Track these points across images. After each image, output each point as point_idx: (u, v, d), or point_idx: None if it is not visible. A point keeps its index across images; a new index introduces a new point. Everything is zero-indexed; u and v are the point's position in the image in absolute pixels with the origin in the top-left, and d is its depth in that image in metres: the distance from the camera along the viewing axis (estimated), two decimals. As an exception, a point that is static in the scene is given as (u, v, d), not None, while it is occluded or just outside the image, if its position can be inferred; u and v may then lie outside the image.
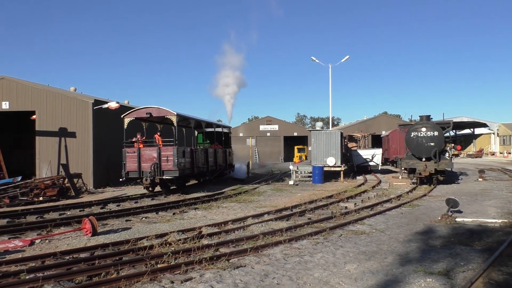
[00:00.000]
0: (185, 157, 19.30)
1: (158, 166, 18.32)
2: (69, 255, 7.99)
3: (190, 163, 20.01)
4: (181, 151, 18.92)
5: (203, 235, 9.57)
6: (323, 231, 10.06)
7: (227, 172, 27.87)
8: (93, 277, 6.60)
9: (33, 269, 6.89)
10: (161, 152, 18.43)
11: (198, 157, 21.22)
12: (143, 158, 18.59)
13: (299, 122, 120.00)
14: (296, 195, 18.87)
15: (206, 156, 22.82)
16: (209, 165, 22.94)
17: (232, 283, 6.34)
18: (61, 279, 6.34)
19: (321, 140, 26.59)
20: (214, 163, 24.08)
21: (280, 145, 69.60)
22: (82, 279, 6.49)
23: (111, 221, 12.21)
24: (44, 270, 6.85)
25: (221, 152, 25.89)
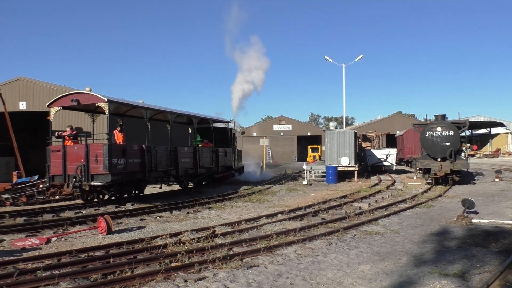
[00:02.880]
0: (128, 158, 14.89)
1: (86, 169, 14.21)
2: (84, 253, 8.08)
3: (138, 165, 15.57)
4: (119, 148, 14.82)
5: (217, 234, 9.60)
6: (337, 231, 10.01)
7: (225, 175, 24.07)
8: (108, 275, 6.67)
9: (49, 266, 6.99)
10: (89, 150, 14.26)
11: (157, 158, 16.73)
12: (69, 158, 14.65)
13: (313, 121, 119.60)
14: (309, 195, 18.81)
15: (175, 156, 18.10)
16: (179, 168, 18.27)
17: (245, 282, 6.35)
18: (77, 277, 6.42)
19: (335, 139, 26.46)
20: (193, 165, 19.59)
21: (294, 144, 69.49)
22: (97, 277, 6.56)
23: (126, 220, 12.33)
24: (60, 268, 6.95)
25: (207, 151, 21.38)
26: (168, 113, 18.93)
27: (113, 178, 14.18)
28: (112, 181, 14.28)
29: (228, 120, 25.56)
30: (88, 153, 14.27)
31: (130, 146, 15.57)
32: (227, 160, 23.89)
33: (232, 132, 26.48)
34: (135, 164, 15.38)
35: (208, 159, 21.26)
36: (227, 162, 23.87)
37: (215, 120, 23.85)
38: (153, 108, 18.24)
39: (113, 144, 14.85)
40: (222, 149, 23.15)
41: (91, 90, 29.58)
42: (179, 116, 20.45)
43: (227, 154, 23.94)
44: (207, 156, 21.24)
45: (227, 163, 23.87)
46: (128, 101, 17.69)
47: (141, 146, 15.93)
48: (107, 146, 14.10)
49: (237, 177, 26.59)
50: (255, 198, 17.51)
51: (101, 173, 14.09)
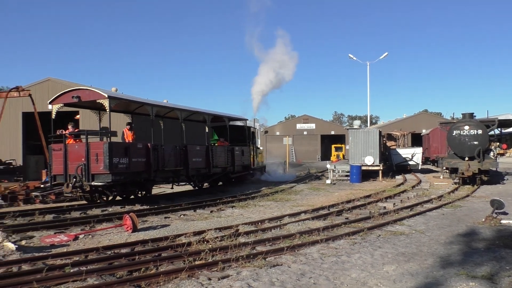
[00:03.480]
0: (131, 157, 14.26)
1: (87, 168, 13.68)
2: (110, 250, 8.24)
3: (143, 165, 14.92)
4: (122, 147, 14.20)
5: (240, 233, 9.64)
6: (361, 231, 9.91)
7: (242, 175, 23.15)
8: (134, 272, 6.78)
9: (77, 263, 7.15)
10: (89, 149, 13.74)
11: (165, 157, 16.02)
12: (70, 156, 14.16)
13: (337, 120, 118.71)
14: (333, 194, 18.69)
15: (185, 155, 17.32)
16: (189, 167, 17.49)
17: (268, 281, 6.36)
18: (103, 273, 6.55)
19: (359, 138, 26.20)
20: (205, 164, 18.72)
21: (317, 143, 69.10)
22: (123, 273, 6.68)
23: (151, 218, 12.50)
24: (87, 264, 7.10)
25: (221, 150, 20.56)
26: (178, 110, 18.14)
27: (114, 178, 13.56)
28: (113, 181, 13.66)
29: (245, 118, 24.42)
30: (88, 152, 13.65)
31: (133, 145, 15.02)
32: (244, 160, 22.96)
33: (251, 131, 25.52)
34: (139, 163, 14.70)
35: (222, 158, 20.39)
36: (244, 161, 22.96)
37: (231, 117, 22.94)
38: (160, 105, 17.62)
39: (114, 142, 14.15)
40: (239, 148, 22.23)
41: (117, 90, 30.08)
42: (193, 114, 19.83)
43: (244, 153, 22.95)
44: (221, 155, 20.36)
45: (244, 162, 22.96)
46: (131, 97, 17.04)
47: (146, 144, 15.26)
48: (107, 144, 13.44)
49: (258, 177, 25.90)
50: (278, 197, 17.50)
51: (102, 173, 13.42)
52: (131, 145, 14.87)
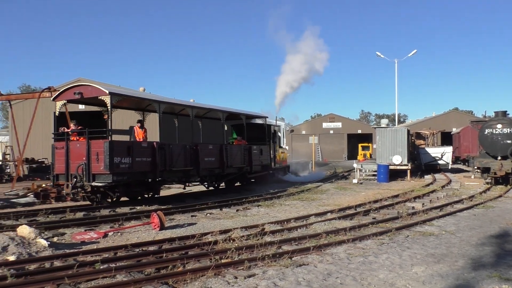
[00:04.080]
0: (135, 156, 13.66)
1: (87, 168, 13.13)
2: (139, 247, 8.37)
3: (149, 165, 14.30)
4: (124, 146, 13.67)
5: (266, 232, 9.64)
6: (389, 231, 9.76)
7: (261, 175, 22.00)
8: (161, 269, 6.87)
9: (106, 259, 7.29)
10: (90, 148, 13.19)
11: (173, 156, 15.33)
12: (72, 155, 13.65)
13: (363, 119, 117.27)
14: (360, 194, 18.49)
15: (195, 155, 16.58)
16: (200, 167, 16.69)
17: (294, 281, 6.34)
18: (132, 270, 6.66)
19: (387, 137, 25.85)
20: (219, 164, 17.97)
21: (344, 142, 68.49)
22: (151, 271, 6.77)
23: (178, 216, 12.65)
24: (117, 261, 7.24)
25: (237, 149, 19.61)
26: (189, 107, 17.54)
27: (115, 178, 12.99)
28: (113, 182, 13.07)
29: (265, 115, 23.19)
30: (89, 150, 13.11)
31: (137, 144, 14.54)
32: (263, 159, 21.86)
33: (273, 129, 24.55)
34: (144, 163, 14.12)
35: (238, 157, 19.46)
36: (263, 161, 21.87)
37: (249, 115, 21.91)
38: (168, 102, 16.92)
39: (115, 141, 13.65)
40: (257, 147, 21.20)
41: (144, 90, 30.63)
42: (207, 111, 19.19)
43: (263, 153, 21.85)
44: (237, 154, 19.40)
45: (263, 162, 21.88)
46: (135, 93, 16.57)
47: (152, 143, 14.75)
48: (108, 143, 12.88)
49: (280, 177, 24.99)
50: (304, 197, 17.43)
51: (102, 173, 12.92)
52: (134, 144, 14.35)
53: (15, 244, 7.91)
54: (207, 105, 19.43)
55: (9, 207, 14.52)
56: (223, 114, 19.48)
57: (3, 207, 14.32)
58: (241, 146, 20.11)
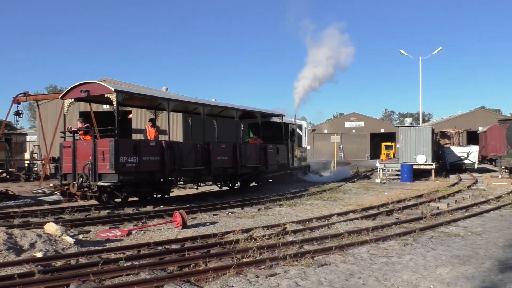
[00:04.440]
0: (142, 155, 13.41)
1: (93, 167, 12.93)
2: (161, 245, 8.46)
3: (157, 164, 14.06)
4: (130, 145, 13.42)
5: (287, 231, 9.62)
6: (412, 232, 9.61)
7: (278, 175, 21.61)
8: (183, 267, 6.94)
9: (130, 257, 7.40)
10: (96, 147, 12.98)
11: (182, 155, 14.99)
12: (79, 154, 13.48)
13: (387, 118, 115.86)
14: (383, 194, 18.27)
15: (207, 154, 16.17)
16: (211, 167, 16.34)
17: (316, 281, 6.30)
18: (155, 268, 6.74)
19: (410, 136, 25.48)
20: (232, 163, 17.58)
21: (366, 142, 67.87)
22: (173, 269, 6.84)
23: (200, 215, 12.74)
24: (140, 259, 7.33)
25: (252, 148, 19.10)
26: (200, 105, 17.05)
27: (121, 178, 12.75)
28: (119, 182, 12.82)
29: (281, 113, 22.39)
30: (95, 149, 12.88)
31: (144, 142, 14.29)
32: (280, 158, 21.19)
33: (291, 128, 23.88)
34: (151, 162, 13.85)
35: (253, 157, 18.94)
36: (280, 160, 21.21)
37: (264, 113, 21.29)
38: (177, 100, 16.40)
39: (121, 140, 13.42)
40: (273, 146, 20.64)
41: (167, 90, 30.93)
42: (220, 109, 18.84)
43: (280, 152, 21.17)
44: (252, 154, 18.87)
45: (280, 161, 21.23)
46: (143, 90, 16.33)
47: (160, 142, 14.48)
48: (113, 142, 12.66)
49: (300, 177, 24.70)
50: (326, 196, 17.32)
51: (108, 173, 12.69)
52: (142, 142, 14.08)
53: (42, 241, 8.12)
54: (219, 103, 19.15)
55: (36, 204, 14.90)
56: (236, 112, 18.89)
57: (31, 205, 14.71)
58: (256, 145, 19.64)
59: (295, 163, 23.80)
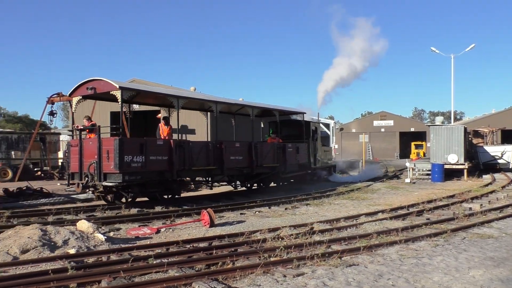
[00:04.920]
0: (148, 154, 13.10)
1: (98, 166, 12.63)
2: (189, 244, 8.54)
3: (166, 164, 13.70)
4: (136, 144, 12.99)
5: (315, 231, 9.56)
6: (444, 232, 9.39)
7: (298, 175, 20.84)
8: (211, 265, 6.99)
9: (159, 255, 7.51)
10: (101, 146, 12.68)
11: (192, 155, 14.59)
12: (85, 153, 13.22)
13: (417, 117, 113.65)
14: (413, 194, 17.93)
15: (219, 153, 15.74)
16: (224, 167, 15.88)
17: (344, 281, 6.24)
18: (183, 266, 6.82)
19: (442, 135, 24.92)
20: (248, 163, 17.07)
21: (395, 141, 66.68)
22: (201, 267, 6.90)
23: (227, 214, 12.81)
24: (169, 257, 7.43)
25: (269, 148, 18.49)
26: (212, 102, 16.35)
27: (126, 178, 12.47)
28: (124, 182, 12.56)
29: (302, 111, 21.41)
30: (100, 148, 12.57)
31: (151, 141, 13.84)
32: (300, 158, 20.39)
33: (315, 126, 22.91)
34: (159, 162, 13.50)
35: (270, 156, 18.35)
36: (300, 160, 20.42)
37: (283, 111, 20.40)
38: (186, 97, 15.56)
39: (126, 138, 12.96)
40: (293, 145, 19.88)
41: (195, 89, 31.24)
42: (241, 107, 18.25)
43: (300, 151, 20.36)
44: (269, 153, 18.28)
45: (300, 161, 20.43)
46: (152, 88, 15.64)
47: (169, 141, 14.11)
48: (117, 140, 12.31)
49: (324, 177, 23.95)
50: (354, 196, 17.13)
51: (113, 172, 12.41)
52: (148, 141, 13.60)
53: (75, 238, 8.34)
54: (233, 101, 18.43)
55: (69, 202, 15.33)
56: (252, 110, 18.03)
57: (64, 203, 15.14)
58: (274, 144, 18.95)
59: (318, 162, 22.97)
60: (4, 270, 6.67)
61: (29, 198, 15.54)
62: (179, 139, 14.70)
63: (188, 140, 15.21)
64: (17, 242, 7.76)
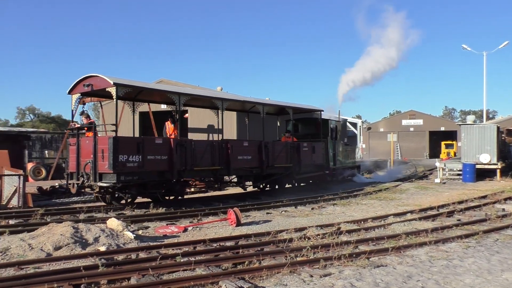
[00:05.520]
0: (146, 154, 12.56)
1: (94, 166, 12.24)
2: (216, 242, 8.61)
3: (166, 164, 13.16)
4: (132, 142, 12.48)
5: (342, 231, 9.48)
6: (476, 234, 9.15)
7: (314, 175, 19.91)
8: (238, 264, 7.03)
9: (186, 253, 7.60)
10: (97, 145, 12.27)
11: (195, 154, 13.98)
12: (82, 152, 12.84)
13: (447, 115, 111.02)
14: (443, 194, 17.55)
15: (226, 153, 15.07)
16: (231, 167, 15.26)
17: (372, 282, 6.17)
18: (210, 265, 6.87)
19: (473, 135, 24.29)
20: (258, 163, 16.32)
21: (425, 140, 65.35)
22: (228, 266, 6.94)
23: (253, 213, 12.84)
24: (196, 255, 7.51)
25: (281, 147, 17.64)
26: (217, 99, 15.49)
27: (122, 178, 11.99)
28: (119, 182, 12.05)
29: (319, 108, 20.26)
30: (95, 147, 12.20)
31: (149, 140, 13.31)
32: (316, 158, 19.30)
33: (335, 124, 21.52)
34: (158, 162, 12.96)
35: (283, 156, 17.56)
36: (316, 159, 19.32)
37: (297, 108, 19.23)
38: (188, 93, 14.74)
39: (121, 137, 12.55)
40: (308, 144, 18.90)
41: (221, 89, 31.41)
42: (253, 106, 17.42)
43: (316, 150, 19.26)
44: (281, 152, 17.50)
45: (316, 161, 19.34)
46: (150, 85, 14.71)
47: (169, 140, 13.56)
48: (112, 139, 11.84)
49: (347, 178, 23.03)
50: (382, 196, 16.89)
51: (107, 172, 11.95)
52: (146, 140, 13.05)
53: (105, 235, 8.53)
54: (241, 97, 17.60)
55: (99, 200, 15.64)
56: (263, 107, 17.14)
57: (94, 201, 15.47)
58: (287, 143, 18.11)
59: (338, 162, 21.68)
60: (39, 266, 6.88)
61: (61, 196, 16.00)
62: (181, 138, 14.19)
63: (190, 139, 14.70)
64: (50, 239, 7.99)
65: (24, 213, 12.19)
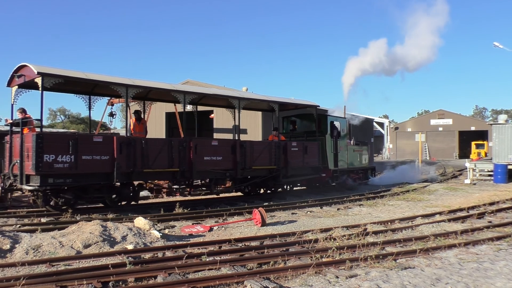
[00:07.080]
0: (80, 153, 10.92)
1: (20, 167, 10.80)
2: (241, 242, 8.64)
3: (108, 164, 11.49)
4: (64, 140, 10.82)
5: (368, 232, 9.36)
6: (508, 236, 8.89)
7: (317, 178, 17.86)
8: (263, 264, 7.03)
9: (212, 252, 7.65)
10: (24, 143, 10.82)
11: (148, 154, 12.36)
12: (14, 151, 11.54)
13: (478, 115, 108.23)
14: (473, 195, 17.11)
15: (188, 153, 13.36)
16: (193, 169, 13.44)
17: (399, 284, 6.06)
18: (235, 264, 6.90)
19: (505, 134, 23.61)
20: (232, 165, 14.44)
21: (454, 140, 63.88)
22: (253, 265, 6.96)
23: (278, 213, 12.82)
24: (221, 255, 7.55)
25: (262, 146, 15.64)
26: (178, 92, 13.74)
27: (50, 181, 10.48)
28: (46, 185, 10.55)
29: (313, 103, 17.93)
30: (22, 146, 10.79)
31: (84, 138, 11.79)
32: (309, 159, 16.97)
33: (337, 121, 19.19)
34: (97, 162, 11.30)
35: (265, 157, 15.46)
36: (309, 161, 16.99)
37: (285, 103, 17.04)
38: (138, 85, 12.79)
39: (48, 133, 11.19)
40: (298, 144, 16.66)
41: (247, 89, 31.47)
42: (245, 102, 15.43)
43: (309, 151, 16.92)
44: (262, 152, 15.40)
45: (309, 162, 17.03)
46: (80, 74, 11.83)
47: (111, 138, 11.93)
48: (35, 136, 10.27)
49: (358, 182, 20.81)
50: (409, 197, 16.59)
51: (31, 174, 10.49)
52: (80, 138, 11.51)
53: (132, 234, 8.68)
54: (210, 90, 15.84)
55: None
56: (239, 102, 15.10)
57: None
58: (271, 142, 16.08)
59: (342, 164, 19.20)
60: (69, 263, 7.06)
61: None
62: (128, 136, 12.51)
63: (141, 137, 13.07)
64: (80, 237, 8.19)
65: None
